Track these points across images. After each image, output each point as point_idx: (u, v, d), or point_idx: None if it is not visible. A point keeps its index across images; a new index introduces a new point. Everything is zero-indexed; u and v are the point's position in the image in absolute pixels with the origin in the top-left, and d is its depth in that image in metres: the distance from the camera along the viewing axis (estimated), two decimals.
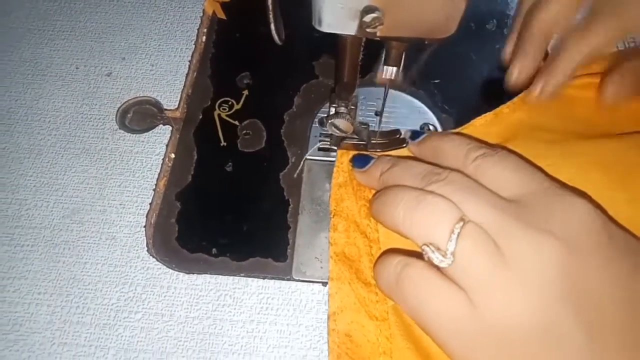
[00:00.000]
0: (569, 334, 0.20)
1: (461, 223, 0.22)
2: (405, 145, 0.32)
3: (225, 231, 0.32)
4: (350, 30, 0.22)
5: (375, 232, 0.30)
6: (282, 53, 0.35)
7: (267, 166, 0.34)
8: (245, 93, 0.38)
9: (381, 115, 0.32)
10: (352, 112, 0.30)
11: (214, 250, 0.31)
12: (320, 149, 0.35)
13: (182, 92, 0.38)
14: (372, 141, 0.33)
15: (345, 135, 0.32)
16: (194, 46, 0.40)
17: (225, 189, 0.34)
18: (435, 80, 0.38)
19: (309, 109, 0.37)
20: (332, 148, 0.34)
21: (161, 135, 0.36)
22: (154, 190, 0.34)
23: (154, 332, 0.29)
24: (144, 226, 0.32)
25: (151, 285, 0.30)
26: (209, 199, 0.33)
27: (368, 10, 0.21)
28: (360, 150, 0.33)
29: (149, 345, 0.28)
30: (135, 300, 0.30)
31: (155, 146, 0.35)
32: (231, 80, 0.38)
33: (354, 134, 0.32)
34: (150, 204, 0.33)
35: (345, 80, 0.28)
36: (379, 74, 0.28)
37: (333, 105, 0.30)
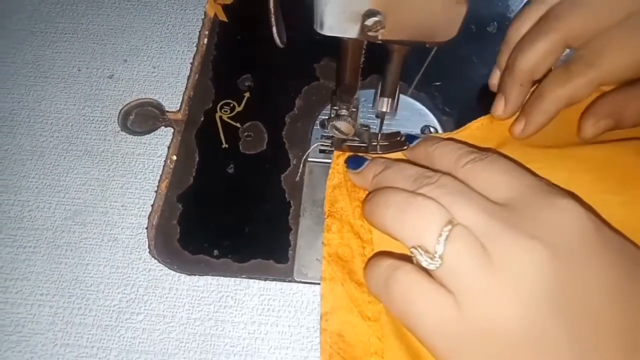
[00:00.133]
0: (556, 339, 0.20)
1: (450, 226, 0.22)
2: (406, 148, 0.32)
3: (226, 233, 0.32)
4: (352, 33, 0.22)
5: (369, 233, 0.30)
6: (283, 55, 0.35)
7: (269, 168, 0.34)
8: (247, 95, 0.38)
9: (382, 120, 0.32)
10: (353, 115, 0.30)
11: (215, 252, 0.31)
12: (321, 151, 0.35)
13: (184, 94, 0.38)
14: (373, 143, 0.33)
15: (346, 138, 0.32)
16: (195, 48, 0.40)
17: (226, 190, 0.34)
18: (436, 83, 0.38)
19: (310, 111, 0.37)
20: (333, 150, 0.34)
21: (163, 137, 0.36)
22: (156, 192, 0.34)
23: (156, 334, 0.29)
24: (146, 228, 0.32)
25: (153, 286, 0.30)
26: (211, 201, 0.33)
27: (370, 13, 0.21)
28: (361, 152, 0.33)
29: (151, 347, 0.29)
30: (137, 301, 0.30)
31: (157, 148, 0.36)
32: (233, 82, 0.38)
33: (355, 136, 0.32)
34: (152, 205, 0.33)
35: (347, 82, 0.28)
36: (377, 104, 0.29)
37: (334, 107, 0.31)
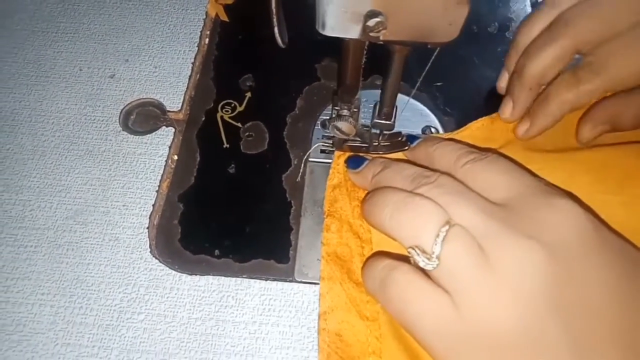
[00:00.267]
0: (554, 340, 0.20)
1: (447, 226, 0.22)
2: (407, 148, 0.32)
3: (227, 233, 0.32)
4: (354, 34, 0.22)
5: (368, 233, 0.30)
6: (285, 56, 0.35)
7: (270, 168, 0.34)
8: (248, 95, 0.38)
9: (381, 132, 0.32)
10: (355, 115, 0.30)
11: (216, 252, 0.31)
12: (322, 151, 0.35)
13: (185, 94, 0.38)
14: (374, 143, 0.33)
15: (348, 138, 0.32)
16: (197, 48, 0.40)
17: (227, 190, 0.34)
18: (438, 83, 0.38)
19: (311, 112, 0.37)
20: (334, 150, 0.34)
21: (164, 137, 0.36)
22: (157, 191, 0.34)
23: (157, 333, 0.29)
24: (147, 227, 0.32)
25: (154, 286, 0.30)
26: (212, 201, 0.33)
27: (371, 14, 0.21)
28: (362, 152, 0.33)
29: (152, 346, 0.29)
30: (138, 301, 0.30)
31: (158, 148, 0.36)
32: (234, 82, 0.38)
33: (356, 136, 0.32)
34: (153, 205, 0.33)
35: (348, 82, 0.28)
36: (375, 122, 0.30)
37: (335, 107, 0.31)
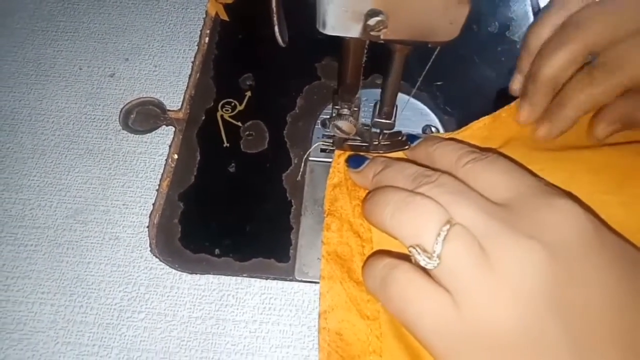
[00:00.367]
0: (554, 339, 0.20)
1: (448, 225, 0.22)
2: (407, 148, 0.32)
3: (228, 232, 0.32)
4: (354, 33, 0.22)
5: (368, 232, 0.30)
6: (285, 55, 0.35)
7: (270, 167, 0.34)
8: (248, 94, 0.38)
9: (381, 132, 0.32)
10: (355, 114, 0.30)
11: (216, 251, 0.31)
12: (323, 150, 0.35)
13: (185, 93, 0.38)
14: (375, 143, 0.33)
15: (348, 137, 0.32)
16: (196, 47, 0.40)
17: (228, 189, 0.34)
18: (438, 83, 0.38)
19: (311, 111, 0.37)
20: (334, 149, 0.34)
21: (164, 136, 0.36)
22: (157, 190, 0.34)
23: (157, 332, 0.29)
24: (147, 226, 0.32)
25: (154, 285, 0.30)
26: (212, 200, 0.33)
27: (372, 13, 0.21)
28: (362, 151, 0.33)
29: (152, 345, 0.29)
30: (139, 300, 0.30)
31: (158, 147, 0.36)
32: (234, 81, 0.38)
33: (357, 135, 0.32)
34: (154, 204, 0.33)
35: (348, 82, 0.28)
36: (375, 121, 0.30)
37: (336, 106, 0.31)
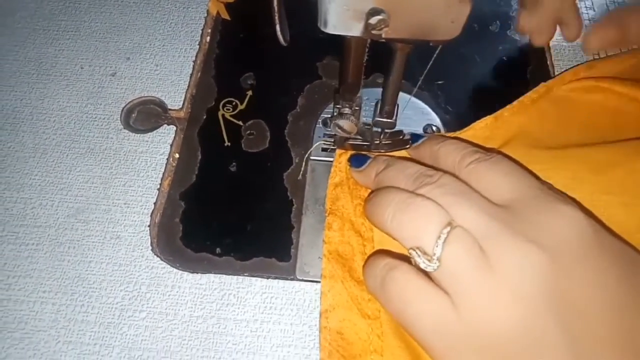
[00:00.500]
0: (554, 342, 0.20)
1: (448, 228, 0.22)
2: (408, 147, 0.32)
3: (229, 231, 0.32)
4: (356, 31, 0.22)
5: (370, 231, 0.30)
6: (286, 54, 0.35)
7: (271, 166, 0.34)
8: (249, 93, 0.38)
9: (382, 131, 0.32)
10: (356, 113, 0.30)
11: (217, 250, 0.31)
12: (324, 149, 0.35)
13: (187, 92, 0.38)
14: (376, 142, 0.33)
15: (349, 136, 0.32)
16: (198, 46, 0.40)
17: (229, 189, 0.34)
18: (439, 82, 0.38)
19: (312, 110, 0.37)
20: (335, 148, 0.34)
21: (165, 135, 0.36)
22: (158, 189, 0.34)
23: (158, 331, 0.29)
24: (148, 225, 0.32)
25: (155, 284, 0.30)
26: (213, 199, 0.33)
27: (373, 12, 0.21)
28: (363, 151, 0.33)
29: (153, 344, 0.29)
30: (140, 299, 0.30)
31: (159, 146, 0.36)
32: (235, 80, 0.38)
33: (358, 134, 0.32)
34: (155, 203, 0.33)
35: (350, 81, 0.28)
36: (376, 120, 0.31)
37: (337, 106, 0.31)
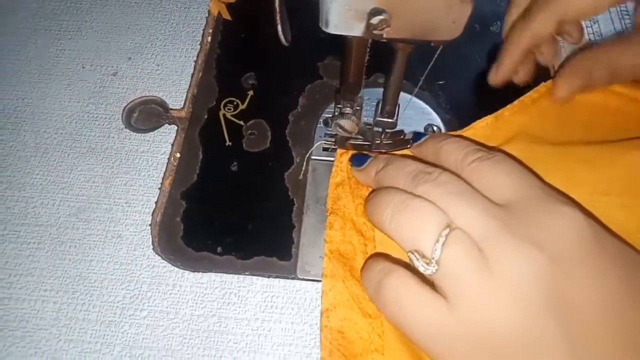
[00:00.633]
0: (553, 343, 0.20)
1: (447, 230, 0.22)
2: (409, 146, 0.32)
3: (230, 230, 0.32)
4: (357, 31, 0.22)
5: (371, 231, 0.30)
6: (287, 54, 0.35)
7: (272, 166, 0.35)
8: (250, 93, 0.38)
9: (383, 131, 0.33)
10: (357, 113, 0.30)
11: (219, 249, 0.31)
12: (325, 149, 0.35)
13: (188, 92, 0.38)
14: (377, 142, 0.33)
15: (350, 136, 0.32)
16: (199, 46, 0.40)
17: (230, 188, 0.34)
18: (440, 82, 0.38)
19: (313, 110, 0.37)
20: (336, 148, 0.34)
21: (167, 134, 0.36)
22: (160, 189, 0.34)
23: (159, 330, 0.29)
24: (150, 225, 0.32)
25: (156, 283, 0.31)
26: (214, 198, 0.33)
27: (375, 12, 0.21)
28: (364, 150, 0.33)
29: (155, 343, 0.29)
30: (141, 298, 0.30)
31: (160, 145, 0.36)
32: (236, 80, 0.39)
33: (359, 134, 0.32)
34: (156, 202, 0.33)
35: (351, 80, 0.28)
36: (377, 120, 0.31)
37: (338, 105, 0.31)
